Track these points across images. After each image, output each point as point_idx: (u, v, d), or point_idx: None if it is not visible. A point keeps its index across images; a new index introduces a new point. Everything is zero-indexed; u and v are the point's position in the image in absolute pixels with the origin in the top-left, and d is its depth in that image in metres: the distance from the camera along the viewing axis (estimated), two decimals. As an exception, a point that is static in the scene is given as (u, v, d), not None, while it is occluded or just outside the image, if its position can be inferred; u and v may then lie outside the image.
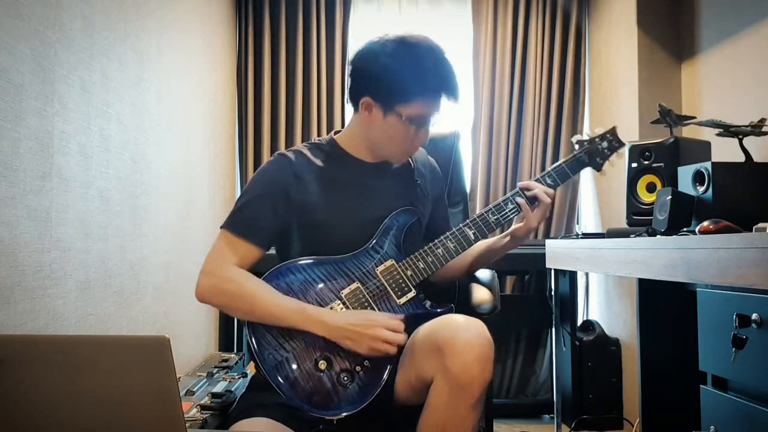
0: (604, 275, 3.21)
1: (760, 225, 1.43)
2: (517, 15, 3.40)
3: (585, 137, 1.61)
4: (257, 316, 1.37)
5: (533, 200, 1.51)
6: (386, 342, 1.33)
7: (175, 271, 2.35)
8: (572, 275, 3.00)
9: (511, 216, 1.51)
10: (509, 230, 1.57)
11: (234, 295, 1.39)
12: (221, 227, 1.44)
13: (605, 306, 3.24)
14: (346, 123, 1.59)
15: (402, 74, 1.40)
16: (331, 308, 1.38)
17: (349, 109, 1.57)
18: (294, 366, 1.33)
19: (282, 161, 1.48)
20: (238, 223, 1.43)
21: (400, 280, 1.43)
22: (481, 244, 1.61)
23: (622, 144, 1.60)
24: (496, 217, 1.50)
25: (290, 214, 1.45)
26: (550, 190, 1.52)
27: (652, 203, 2.00)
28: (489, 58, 3.39)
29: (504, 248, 1.59)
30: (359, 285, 1.41)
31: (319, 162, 1.50)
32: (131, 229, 1.99)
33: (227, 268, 1.39)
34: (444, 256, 1.46)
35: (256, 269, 1.43)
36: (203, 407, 1.77)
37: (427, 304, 1.44)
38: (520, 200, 1.50)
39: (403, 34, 1.44)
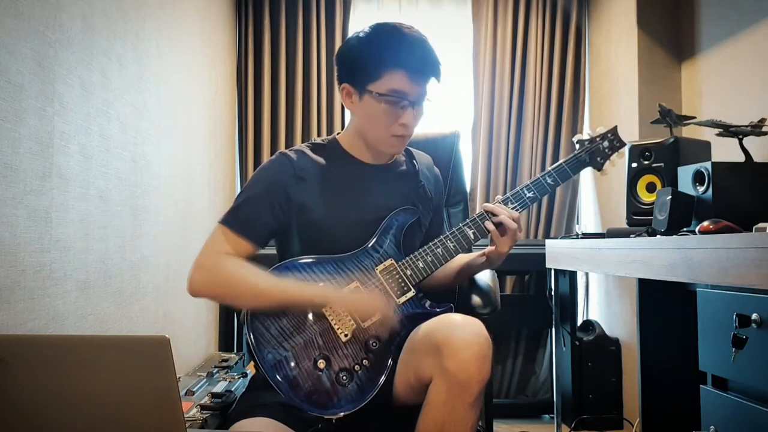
0: (604, 275, 3.21)
1: (760, 225, 1.43)
2: (517, 15, 3.40)
3: (586, 137, 1.61)
4: (255, 301, 1.36)
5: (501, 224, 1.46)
6: (381, 301, 1.36)
7: (175, 271, 2.35)
8: (572, 275, 3.00)
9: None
10: (485, 251, 1.54)
11: (227, 284, 1.38)
12: (219, 222, 1.44)
13: (605, 306, 3.24)
14: (347, 123, 1.59)
15: (369, 50, 1.40)
16: (330, 306, 1.39)
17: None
18: (293, 365, 1.33)
19: (283, 160, 1.48)
20: (235, 219, 1.43)
21: (400, 280, 1.43)
22: (462, 258, 1.60)
23: (623, 143, 1.60)
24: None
25: (289, 213, 1.44)
26: (515, 214, 1.47)
27: (652, 203, 2.01)
28: (489, 58, 3.39)
29: (481, 267, 1.58)
30: (358, 284, 1.41)
31: (320, 162, 1.50)
32: (131, 229, 1.99)
33: (219, 259, 1.39)
34: (444, 256, 1.46)
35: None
36: (203, 407, 1.77)
37: (427, 303, 1.44)
38: (489, 226, 1.47)
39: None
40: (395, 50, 1.38)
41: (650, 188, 2.19)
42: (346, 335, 1.36)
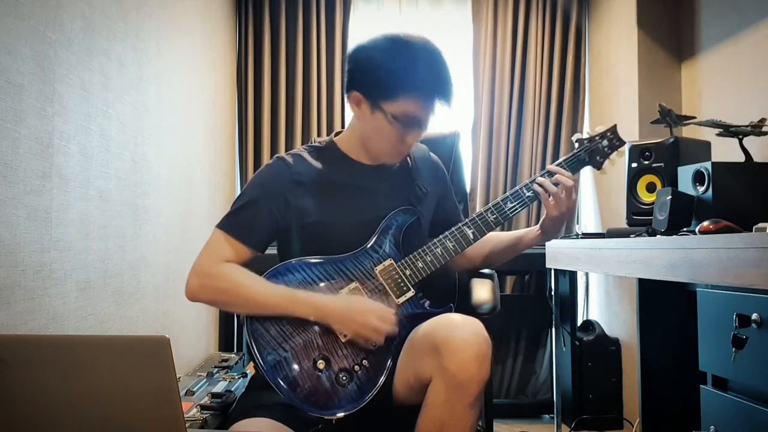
0: (604, 275, 3.21)
1: (760, 225, 1.43)
2: (517, 15, 3.40)
3: (585, 135, 1.61)
4: (249, 308, 1.37)
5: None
6: (375, 330, 1.34)
7: (175, 271, 2.35)
8: (572, 275, 2.99)
9: (511, 215, 1.51)
10: (539, 224, 1.58)
11: (223, 291, 1.39)
12: (217, 227, 1.44)
13: (605, 306, 3.24)
14: (347, 123, 1.59)
15: (389, 70, 1.38)
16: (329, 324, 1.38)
17: (349, 109, 1.56)
18: (293, 366, 1.33)
19: (280, 165, 1.48)
20: (233, 224, 1.44)
21: (399, 280, 1.43)
22: (507, 236, 1.63)
23: (622, 142, 1.60)
24: (495, 216, 1.50)
25: (288, 217, 1.45)
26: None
27: (652, 203, 2.00)
28: (489, 58, 3.39)
29: (534, 240, 1.60)
30: (358, 285, 1.41)
31: (317, 165, 1.50)
32: (131, 229, 1.99)
33: (216, 265, 1.40)
34: (443, 255, 1.46)
35: (257, 269, 1.43)
36: (203, 407, 1.77)
37: (426, 303, 1.44)
38: (536, 188, 1.50)
39: (402, 32, 1.43)
40: (415, 75, 1.38)
41: (650, 188, 2.18)
42: (345, 336, 1.36)
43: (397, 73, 1.38)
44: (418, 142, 1.64)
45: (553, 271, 2.86)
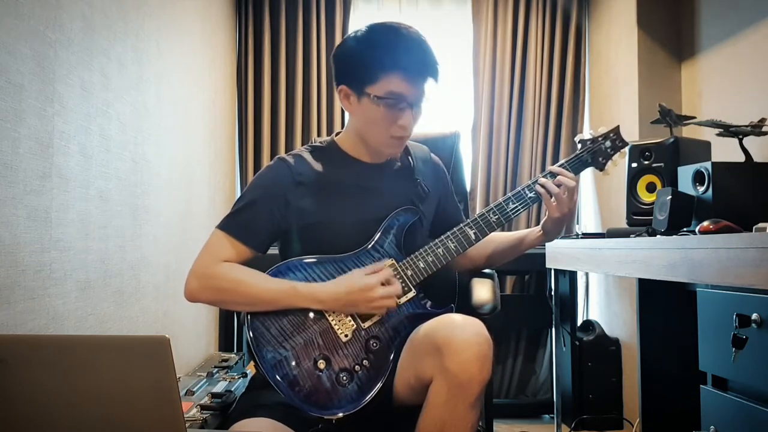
0: (604, 275, 3.21)
1: (760, 225, 1.43)
2: (517, 15, 3.41)
3: (588, 136, 1.60)
4: (250, 304, 1.37)
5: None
6: (384, 298, 1.36)
7: (175, 271, 2.35)
8: (572, 275, 3.00)
9: (513, 216, 1.51)
10: (540, 225, 1.58)
11: (223, 290, 1.39)
12: (217, 227, 1.44)
13: (605, 306, 3.24)
14: (347, 123, 1.59)
15: (366, 53, 1.39)
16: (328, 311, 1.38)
17: (348, 108, 1.56)
18: (293, 365, 1.33)
19: (281, 166, 1.48)
20: (234, 224, 1.43)
21: (400, 280, 1.43)
22: (509, 236, 1.62)
23: (625, 143, 1.59)
24: (497, 216, 1.50)
25: (289, 218, 1.44)
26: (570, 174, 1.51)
27: (652, 203, 2.00)
28: (489, 58, 3.39)
29: (535, 241, 1.60)
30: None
31: (319, 165, 1.49)
32: (131, 229, 1.99)
33: (214, 265, 1.40)
34: (444, 256, 1.46)
35: (257, 269, 1.43)
36: (203, 407, 1.77)
37: (428, 304, 1.43)
38: (539, 189, 1.49)
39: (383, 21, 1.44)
40: (391, 52, 1.38)
41: (650, 188, 2.19)
42: (346, 336, 1.36)
43: (374, 54, 1.38)
44: (419, 143, 1.65)
45: (553, 271, 2.86)
